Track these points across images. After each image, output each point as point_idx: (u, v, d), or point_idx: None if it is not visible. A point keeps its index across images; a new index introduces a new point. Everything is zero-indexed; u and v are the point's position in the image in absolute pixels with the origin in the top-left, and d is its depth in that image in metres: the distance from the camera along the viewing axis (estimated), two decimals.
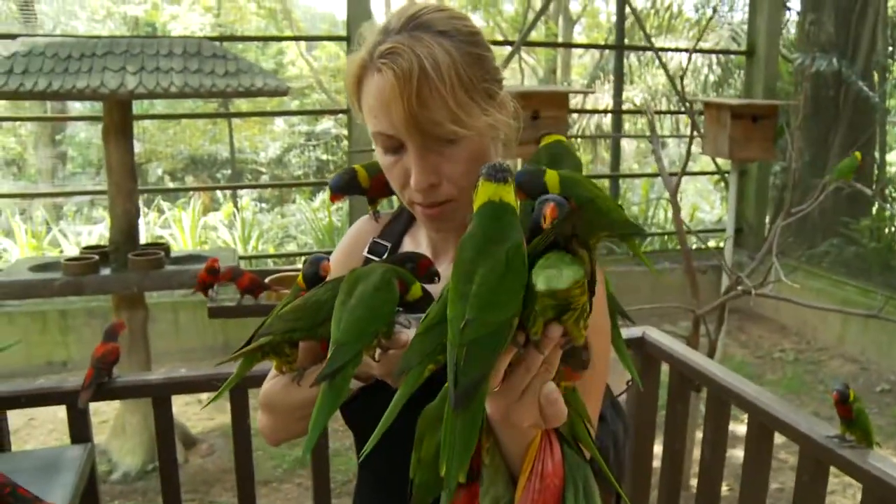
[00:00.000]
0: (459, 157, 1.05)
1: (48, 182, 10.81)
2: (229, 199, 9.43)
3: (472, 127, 1.02)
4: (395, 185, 1.11)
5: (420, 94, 0.98)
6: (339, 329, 0.94)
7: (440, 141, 1.03)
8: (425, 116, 0.99)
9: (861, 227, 6.94)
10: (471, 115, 1.01)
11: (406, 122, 1.00)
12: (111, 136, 3.71)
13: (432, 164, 1.04)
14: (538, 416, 0.81)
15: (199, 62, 3.58)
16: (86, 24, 12.13)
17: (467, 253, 0.81)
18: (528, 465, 0.88)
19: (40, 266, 3.72)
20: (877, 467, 1.67)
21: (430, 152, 1.04)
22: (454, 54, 1.00)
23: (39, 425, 4.62)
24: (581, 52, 13.62)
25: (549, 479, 0.87)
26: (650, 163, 12.22)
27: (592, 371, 1.05)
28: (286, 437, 1.25)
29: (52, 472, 1.75)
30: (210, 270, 2.93)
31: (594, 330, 1.05)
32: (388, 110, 1.01)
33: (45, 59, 3.38)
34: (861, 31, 7.19)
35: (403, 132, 1.02)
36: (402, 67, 0.98)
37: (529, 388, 0.79)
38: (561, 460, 0.89)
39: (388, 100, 1.00)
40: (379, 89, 1.01)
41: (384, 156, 1.09)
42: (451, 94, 0.99)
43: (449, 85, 0.99)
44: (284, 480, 4.13)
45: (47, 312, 5.51)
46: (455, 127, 1.00)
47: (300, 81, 12.18)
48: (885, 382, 5.47)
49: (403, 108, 0.99)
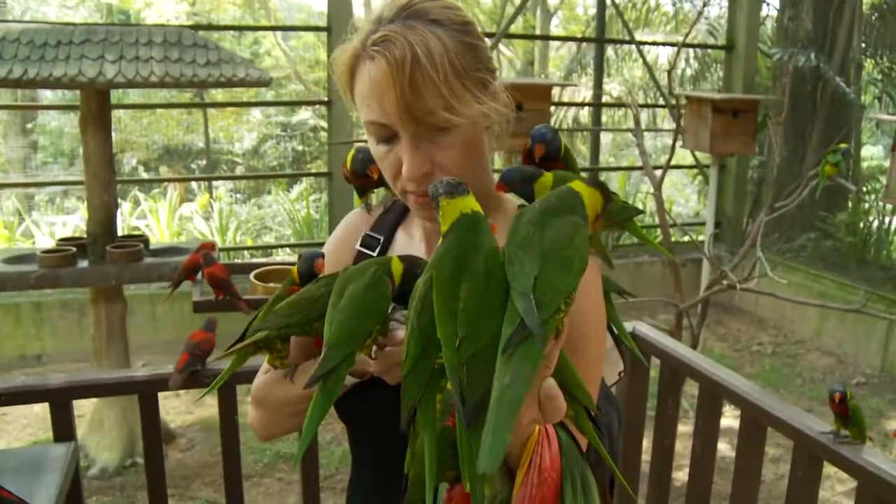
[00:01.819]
0: (452, 145, 1.04)
1: (19, 172, 10.61)
2: (204, 191, 9.33)
3: (465, 115, 1.01)
4: (388, 174, 1.09)
5: (413, 82, 0.97)
6: (331, 330, 0.93)
7: (433, 129, 1.02)
8: (418, 104, 0.99)
9: (837, 221, 7.01)
10: (464, 103, 1.01)
11: (399, 110, 0.99)
12: (88, 126, 3.63)
13: (425, 153, 1.03)
14: (537, 412, 0.80)
15: (179, 51, 3.51)
16: (57, 11, 11.92)
17: (447, 269, 0.80)
18: (527, 460, 0.87)
19: (15, 258, 3.64)
20: (871, 462, 1.67)
21: (423, 141, 1.03)
22: (447, 43, 1.00)
23: (13, 420, 4.53)
24: (558, 44, 13.63)
25: (547, 473, 0.87)
26: (626, 156, 12.28)
27: (588, 361, 1.03)
28: (277, 432, 1.23)
29: (36, 471, 1.71)
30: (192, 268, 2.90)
31: (585, 320, 1.04)
32: (380, 98, 1.00)
33: (20, 46, 3.29)
34: (838, 28, 7.26)
35: (396, 120, 1.01)
36: (395, 55, 0.97)
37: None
38: (558, 454, 0.89)
39: (381, 88, 0.99)
40: (372, 78, 1.00)
41: (376, 145, 1.07)
42: (444, 81, 0.98)
43: (442, 73, 0.98)
44: (265, 475, 4.09)
45: (21, 305, 5.41)
46: (448, 115, 1.00)
47: (277, 71, 12.05)
48: (861, 375, 5.54)
49: (396, 95, 0.98)
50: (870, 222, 7.23)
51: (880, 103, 8.74)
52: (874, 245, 7.08)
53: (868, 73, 8.76)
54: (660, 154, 10.89)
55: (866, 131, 10.54)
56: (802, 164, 6.96)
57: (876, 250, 7.02)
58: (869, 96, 8.97)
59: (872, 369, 5.62)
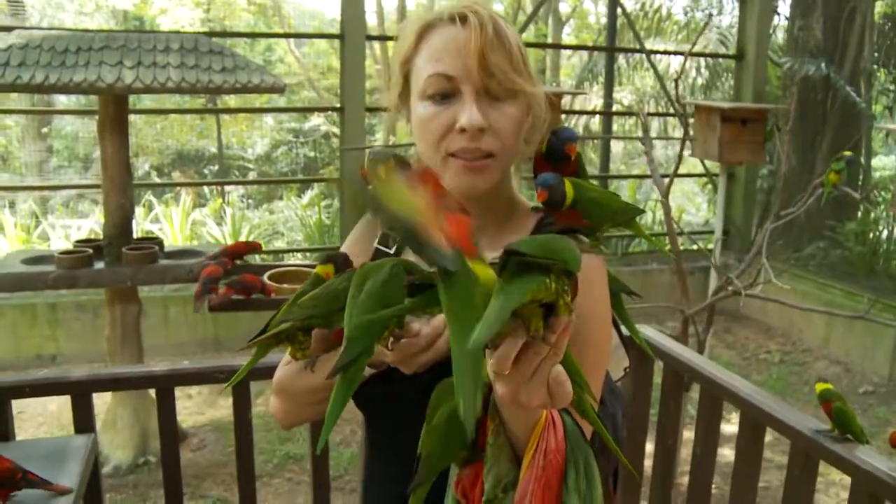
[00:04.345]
0: (508, 113, 1.12)
1: (35, 176, 10.75)
2: (217, 196, 9.41)
3: (528, 86, 1.12)
4: (435, 135, 1.13)
5: (494, 42, 1.09)
6: (351, 323, 0.97)
7: (496, 92, 1.10)
8: (493, 61, 1.08)
9: (847, 230, 7.02)
10: (525, 78, 1.12)
11: (476, 63, 1.08)
12: (106, 130, 3.71)
13: (484, 111, 1.10)
14: (546, 397, 0.83)
15: (195, 58, 3.58)
16: (73, 17, 12.07)
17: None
18: (534, 444, 0.91)
19: (33, 259, 3.72)
20: (865, 461, 1.71)
21: (485, 99, 1.11)
22: (513, 30, 1.13)
23: (28, 419, 4.61)
24: (570, 53, 13.68)
25: (552, 456, 0.91)
26: (638, 164, 12.31)
27: (592, 355, 1.08)
28: (297, 421, 1.28)
29: (59, 460, 1.77)
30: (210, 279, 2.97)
31: (590, 316, 1.09)
32: (457, 52, 1.09)
33: (42, 52, 3.37)
34: (849, 37, 7.28)
35: (469, 74, 1.09)
36: (482, 17, 1.09)
37: (539, 370, 0.81)
38: (563, 438, 0.93)
39: (461, 42, 1.09)
40: (452, 33, 1.10)
41: (430, 105, 1.13)
42: (515, 52, 1.11)
43: (515, 45, 1.11)
44: (275, 475, 4.14)
45: (37, 305, 5.50)
46: (516, 77, 1.10)
47: (289, 78, 12.16)
48: (868, 384, 5.55)
49: (477, 48, 1.07)
50: (879, 232, 7.23)
51: (891, 113, 8.74)
52: (884, 255, 7.08)
53: (881, 83, 8.77)
54: (671, 163, 10.88)
55: (878, 141, 10.53)
56: (812, 173, 6.97)
57: (885, 260, 7.03)
58: (880, 106, 8.97)
59: (880, 378, 5.63)
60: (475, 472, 0.95)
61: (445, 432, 0.96)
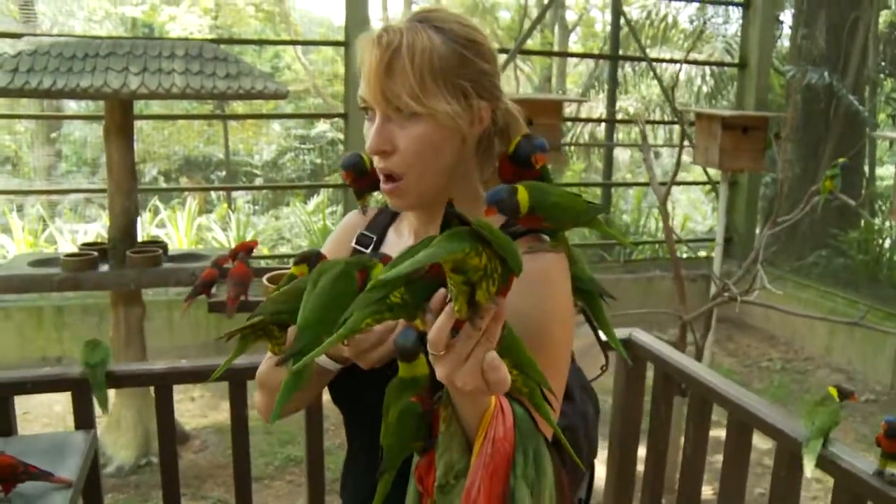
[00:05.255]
0: (414, 134, 1.14)
1: (43, 180, 10.84)
2: (223, 201, 9.47)
3: (429, 108, 1.12)
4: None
5: (390, 66, 1.11)
6: (303, 316, 1.04)
7: (400, 114, 1.14)
8: (388, 86, 1.11)
9: (849, 239, 7.02)
10: (430, 97, 1.12)
11: (374, 89, 1.13)
12: (112, 135, 3.77)
13: (389, 132, 1.15)
14: (481, 381, 0.87)
15: (200, 64, 3.64)
16: (83, 24, 12.17)
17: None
18: (483, 432, 0.95)
19: (39, 261, 3.78)
20: (846, 461, 1.74)
21: (390, 122, 1.15)
22: (436, 45, 1.13)
23: (34, 419, 4.66)
24: (576, 60, 13.72)
25: (500, 444, 0.94)
26: (643, 172, 12.31)
27: (551, 352, 1.10)
28: None
29: (59, 455, 1.82)
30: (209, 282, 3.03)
31: (550, 312, 1.10)
32: (366, 77, 1.14)
33: (50, 59, 3.44)
34: (852, 46, 7.30)
35: (370, 97, 1.14)
36: (384, 42, 1.12)
37: (472, 354, 0.86)
38: (512, 427, 0.96)
39: (367, 67, 1.13)
40: (368, 56, 1.14)
41: (367, 123, 1.20)
42: (416, 73, 1.11)
43: (418, 66, 1.11)
44: (275, 477, 4.18)
45: (43, 308, 5.56)
46: (411, 101, 1.11)
47: (296, 85, 12.24)
48: (871, 392, 5.55)
49: (374, 74, 1.12)
50: (882, 240, 7.23)
51: (894, 122, 8.74)
52: (886, 264, 7.08)
53: (885, 92, 8.77)
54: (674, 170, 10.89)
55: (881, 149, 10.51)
56: (815, 181, 6.97)
57: (888, 269, 7.03)
58: (884, 114, 8.97)
59: (882, 386, 5.63)
60: (430, 460, 0.99)
61: (398, 429, 1.01)
